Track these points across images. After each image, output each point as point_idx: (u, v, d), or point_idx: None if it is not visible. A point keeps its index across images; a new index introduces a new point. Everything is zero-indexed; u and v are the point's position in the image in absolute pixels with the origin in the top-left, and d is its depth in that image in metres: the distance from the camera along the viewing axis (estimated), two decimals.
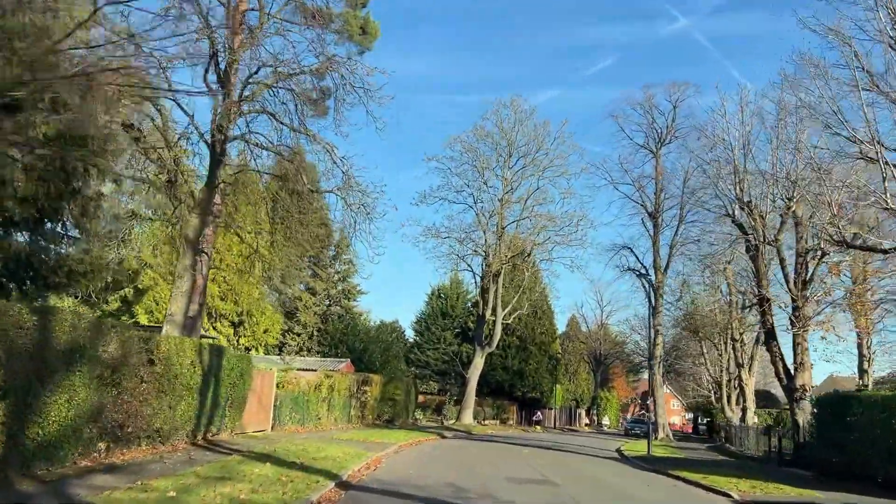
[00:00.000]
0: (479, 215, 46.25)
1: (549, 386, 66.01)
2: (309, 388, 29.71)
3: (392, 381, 39.46)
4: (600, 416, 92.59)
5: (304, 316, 42.33)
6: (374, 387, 35.61)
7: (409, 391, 40.78)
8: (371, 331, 44.11)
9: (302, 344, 42.80)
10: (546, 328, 67.45)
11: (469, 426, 42.91)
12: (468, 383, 45.05)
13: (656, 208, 46.10)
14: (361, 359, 40.89)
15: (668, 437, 43.88)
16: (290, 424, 27.30)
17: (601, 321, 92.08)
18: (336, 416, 32.02)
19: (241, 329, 39.99)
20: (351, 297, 46.95)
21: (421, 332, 69.77)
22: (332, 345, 42.16)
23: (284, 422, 26.83)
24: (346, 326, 42.58)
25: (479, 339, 45.70)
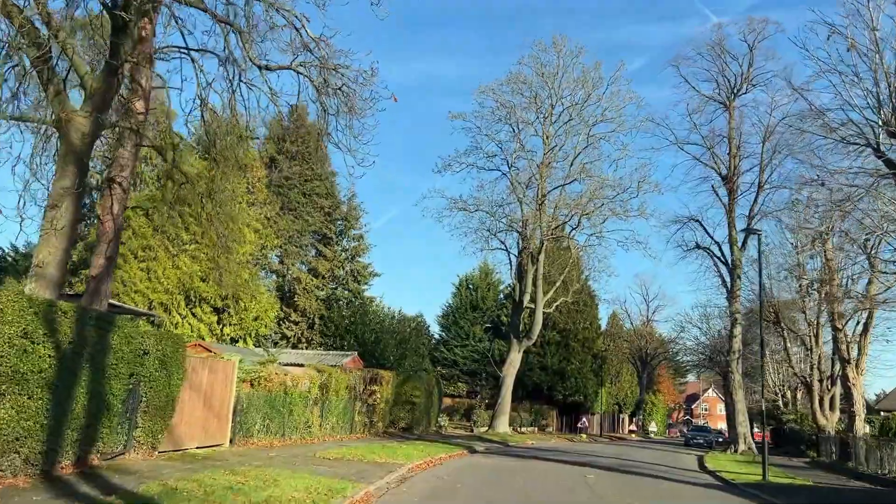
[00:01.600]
0: (515, 184, 38.51)
1: (593, 388, 57.91)
2: (294, 386, 22.28)
3: (409, 379, 31.93)
4: (646, 423, 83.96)
5: (302, 301, 35.04)
6: (385, 386, 28.08)
7: (431, 392, 33.26)
8: (385, 319, 36.76)
9: (300, 334, 35.55)
10: (590, 322, 59.33)
11: (504, 435, 35.15)
12: (503, 384, 37.30)
13: (731, 171, 37.88)
14: (373, 352, 33.56)
15: (751, 451, 35.58)
16: (262, 436, 19.88)
17: (647, 317, 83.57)
18: (333, 423, 24.55)
19: (225, 316, 32.81)
20: (361, 280, 39.58)
21: (447, 327, 62.24)
22: (336, 335, 34.91)
23: (253, 432, 19.42)
24: (354, 313, 35.26)
25: (515, 331, 37.91)
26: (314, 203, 38.10)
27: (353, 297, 38.54)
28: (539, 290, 36.38)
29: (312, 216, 37.73)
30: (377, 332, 34.97)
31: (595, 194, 35.29)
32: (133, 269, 32.64)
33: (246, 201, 36.86)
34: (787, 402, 61.58)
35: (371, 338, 34.25)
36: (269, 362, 22.80)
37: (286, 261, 36.41)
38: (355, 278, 39.26)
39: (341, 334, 34.54)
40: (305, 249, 37.32)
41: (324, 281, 37.18)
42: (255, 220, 36.60)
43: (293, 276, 35.74)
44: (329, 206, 38.62)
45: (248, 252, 35.28)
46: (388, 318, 36.74)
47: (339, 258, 38.29)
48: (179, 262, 32.99)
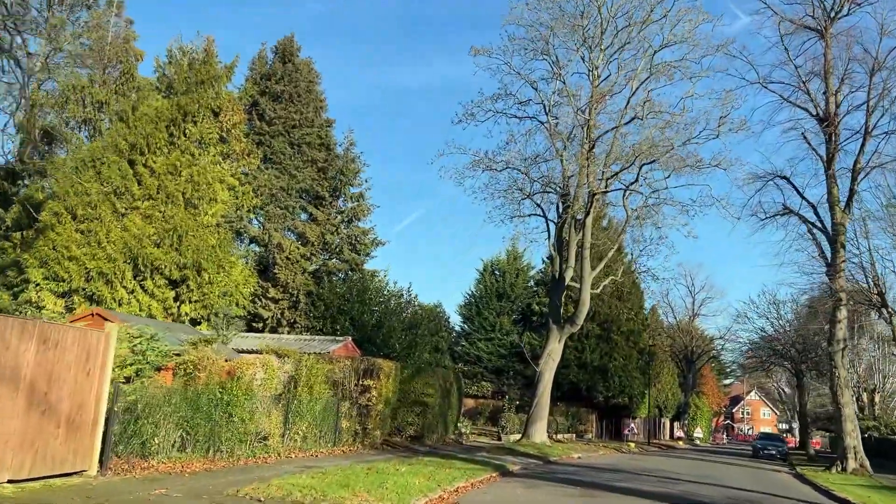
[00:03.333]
0: (554, 134, 30.77)
1: (639, 389, 49.91)
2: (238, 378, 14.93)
3: (420, 373, 24.48)
4: (691, 429, 75.52)
5: (284, 274, 27.68)
6: (385, 381, 20.61)
7: (448, 391, 25.76)
8: (390, 298, 29.20)
9: (279, 315, 28.27)
10: (635, 312, 51.34)
11: (542, 447, 27.51)
12: (539, 381, 29.60)
13: (829, 114, 29.82)
14: (373, 339, 26.11)
15: (864, 469, 27.44)
16: (173, 455, 12.51)
17: (693, 311, 75.13)
18: (305, 432, 17.12)
19: (184, 291, 25.61)
20: (361, 249, 32.11)
21: (470, 318, 54.71)
22: (326, 318, 27.49)
23: (153, 450, 12.04)
24: (349, 290, 27.75)
25: (554, 315, 30.16)
26: (304, 155, 30.81)
27: (350, 270, 31.12)
28: (586, 264, 28.62)
29: (301, 171, 30.46)
30: (379, 314, 27.46)
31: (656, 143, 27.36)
32: (68, 231, 25.54)
33: (219, 152, 29.67)
34: (864, 406, 53.00)
35: (371, 321, 26.74)
36: (207, 342, 15.41)
37: (267, 225, 29.18)
38: (353, 247, 31.79)
39: (333, 316, 27.13)
40: (292, 212, 30.03)
41: (312, 249, 29.81)
42: (230, 176, 29.38)
43: (274, 242, 28.46)
44: (323, 159, 31.24)
45: (219, 213, 28.06)
46: (393, 297, 29.32)
47: (332, 221, 30.90)
48: (128, 223, 25.86)
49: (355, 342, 25.36)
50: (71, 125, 32.60)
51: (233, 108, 30.00)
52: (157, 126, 28.12)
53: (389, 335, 26.58)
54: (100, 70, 33.38)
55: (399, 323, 27.89)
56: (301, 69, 31.81)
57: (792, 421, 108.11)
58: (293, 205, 30.03)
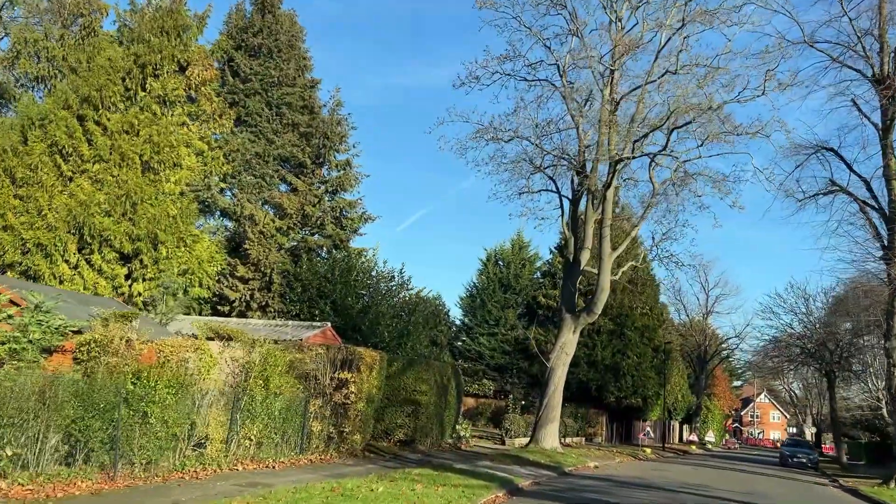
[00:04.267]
0: (569, 99, 27.02)
1: (653, 389, 46.09)
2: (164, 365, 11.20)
3: (412, 366, 20.74)
4: (703, 432, 71.70)
5: (256, 250, 23.92)
6: (367, 374, 16.87)
7: (445, 387, 22.03)
8: (379, 280, 25.31)
9: (248, 297, 24.50)
10: (650, 307, 47.54)
11: (553, 454, 23.77)
12: (550, 378, 25.81)
13: (885, 75, 26.06)
14: (357, 326, 22.33)
15: None
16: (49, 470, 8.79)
17: (707, 309, 71.24)
18: (260, 435, 13.40)
19: (137, 267, 21.91)
20: (347, 224, 28.28)
21: (471, 311, 50.99)
22: (304, 301, 23.67)
23: (8, 465, 8.29)
24: (330, 269, 23.86)
25: (568, 303, 26.38)
26: (283, 118, 27.09)
27: (334, 248, 27.30)
28: (605, 243, 24.84)
29: (280, 136, 26.73)
30: (366, 298, 23.61)
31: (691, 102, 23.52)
32: (4, 196, 21.91)
33: (186, 112, 25.98)
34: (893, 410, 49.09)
35: (357, 305, 22.88)
36: (124, 318, 11.67)
37: (239, 195, 25.46)
38: (338, 221, 27.95)
39: (311, 299, 23.30)
40: (268, 181, 26.28)
41: (290, 223, 26.03)
42: (199, 139, 25.68)
43: (246, 213, 24.70)
44: (306, 124, 27.44)
45: (184, 180, 24.36)
46: (383, 280, 25.49)
47: (314, 192, 27.07)
48: (75, 189, 22.21)
49: (337, 330, 21.66)
50: (23, 83, 28.95)
51: (203, 63, 26.30)
52: (112, 78, 24.38)
53: (377, 322, 22.81)
54: (58, 24, 29.71)
55: (389, 308, 24.10)
56: (282, 21, 28.02)
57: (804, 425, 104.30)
58: (270, 173, 26.29)
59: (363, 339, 21.59)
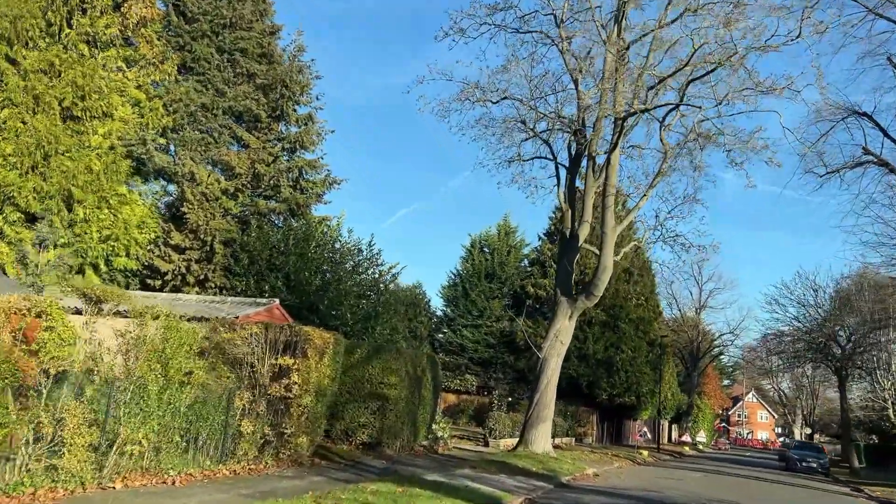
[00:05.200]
0: (566, 52, 23.52)
1: (648, 386, 42.84)
2: None
3: (379, 354, 17.17)
4: (694, 432, 68.77)
5: (195, 215, 20.12)
6: (315, 360, 13.26)
7: (419, 380, 18.46)
8: (345, 255, 21.43)
9: (184, 269, 20.67)
10: (645, 297, 44.30)
11: (546, 459, 20.27)
12: (543, 370, 22.28)
13: None
14: (315, 306, 18.56)
15: None
16: None
17: (700, 304, 68.27)
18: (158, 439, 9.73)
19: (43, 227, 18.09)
20: (308, 188, 24.46)
21: (454, 301, 47.46)
22: (252, 275, 19.87)
23: None
24: (283, 239, 20.00)
25: (564, 284, 22.88)
26: (237, 66, 23.27)
27: (291, 214, 23.50)
28: (609, 215, 21.32)
29: (232, 86, 22.96)
30: (327, 274, 19.77)
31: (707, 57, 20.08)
32: None
33: (121, 56, 22.17)
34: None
35: (315, 281, 19.09)
36: None
37: (180, 153, 21.66)
38: (296, 184, 24.16)
39: (260, 273, 19.50)
40: (217, 137, 22.50)
41: (239, 184, 22.22)
42: (134, 88, 21.86)
43: (186, 171, 20.90)
44: (264, 73, 23.60)
45: (116, 133, 20.54)
46: (349, 254, 21.70)
47: (269, 150, 23.27)
48: None
49: (289, 309, 18.04)
50: None
51: (143, 0, 22.46)
52: (31, 9, 20.47)
53: (339, 302, 19.12)
54: None
55: (354, 287, 20.42)
56: None
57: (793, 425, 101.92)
58: (218, 128, 22.56)
59: (321, 322, 17.98)
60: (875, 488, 24.67)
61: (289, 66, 23.94)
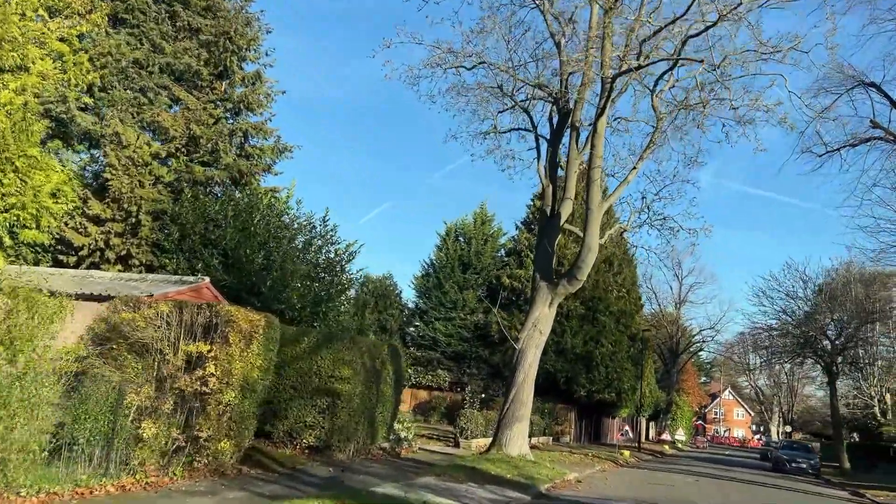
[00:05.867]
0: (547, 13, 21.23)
1: (629, 382, 40.84)
2: None
3: (329, 343, 14.72)
4: (673, 430, 67.22)
5: (118, 183, 17.33)
6: (240, 347, 10.77)
7: (378, 374, 16.05)
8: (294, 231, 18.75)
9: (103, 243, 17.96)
10: (627, 289, 42.30)
11: (523, 464, 17.96)
12: (520, 363, 19.94)
13: None
14: (257, 287, 15.99)
15: None
16: None
17: (680, 298, 66.67)
18: (4, 448, 7.17)
19: None
20: (254, 156, 21.79)
21: (426, 292, 45.07)
22: (183, 250, 17.23)
23: None
24: (222, 210, 17.28)
25: (543, 268, 20.59)
26: (177, 17, 20.52)
27: (234, 184, 20.81)
28: (594, 189, 19.00)
29: (171, 41, 20.22)
30: (275, 253, 17.11)
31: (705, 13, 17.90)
32: None
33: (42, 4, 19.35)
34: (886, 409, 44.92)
35: (257, 259, 16.46)
36: None
37: (108, 114, 18.87)
38: (240, 150, 21.49)
39: (193, 249, 16.85)
40: (152, 98, 19.76)
41: (173, 148, 19.47)
42: (56, 40, 19.07)
43: (110, 131, 18.14)
44: (209, 27, 20.83)
45: (31, 88, 17.77)
46: (300, 230, 19.06)
47: (211, 111, 20.56)
48: None
49: (226, 291, 15.51)
50: None
51: None
52: None
53: (284, 283, 16.57)
54: None
55: (305, 266, 17.82)
56: None
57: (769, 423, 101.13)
58: (154, 87, 19.86)
59: (264, 306, 15.47)
60: (878, 492, 22.80)
61: (234, 16, 21.26)
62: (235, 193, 18.49)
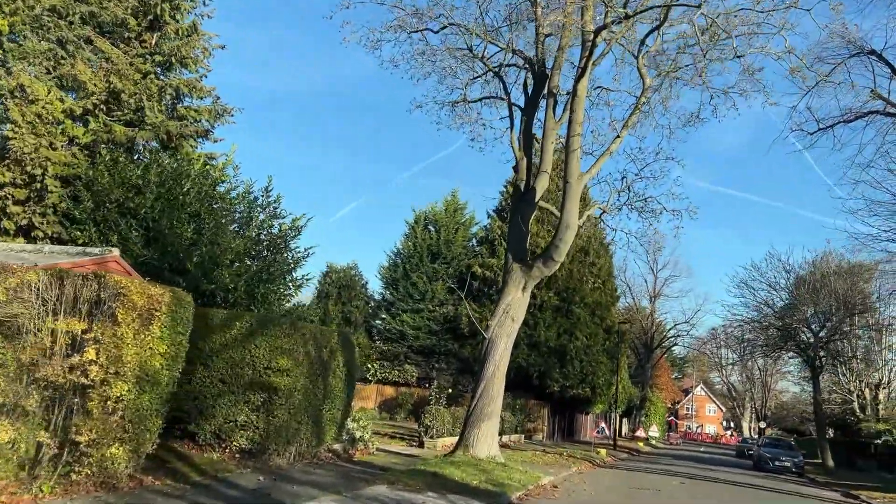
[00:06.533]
0: None
1: (604, 377, 39.13)
2: None
3: (265, 329, 12.49)
4: (647, 426, 65.90)
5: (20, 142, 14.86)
6: (132, 328, 8.55)
7: (326, 365, 13.91)
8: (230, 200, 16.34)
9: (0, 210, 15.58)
10: (603, 280, 40.57)
11: (491, 468, 15.90)
12: (490, 353, 17.83)
13: None
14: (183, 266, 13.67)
15: None
16: None
17: (654, 292, 65.33)
18: None
19: None
20: (186, 117, 19.41)
21: (393, 283, 42.90)
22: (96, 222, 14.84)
23: None
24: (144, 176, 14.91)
25: (517, 247, 18.54)
26: None
27: (163, 147, 18.40)
28: (573, 160, 16.98)
29: None
30: (207, 225, 14.75)
31: None
32: None
33: None
34: (865, 404, 43.93)
35: (186, 233, 14.09)
36: None
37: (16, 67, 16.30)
38: (171, 109, 19.01)
39: (109, 219, 14.50)
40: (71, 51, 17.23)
41: (90, 103, 17.03)
42: None
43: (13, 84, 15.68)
44: None
45: None
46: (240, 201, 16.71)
47: (139, 66, 18.12)
48: None
49: (144, 268, 13.18)
50: None
51: None
52: None
53: (216, 260, 14.22)
54: None
55: (242, 243, 15.47)
56: None
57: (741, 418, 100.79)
58: (74, 39, 17.33)
59: (191, 286, 13.16)
60: (873, 494, 21.23)
61: None
62: (163, 158, 16.07)
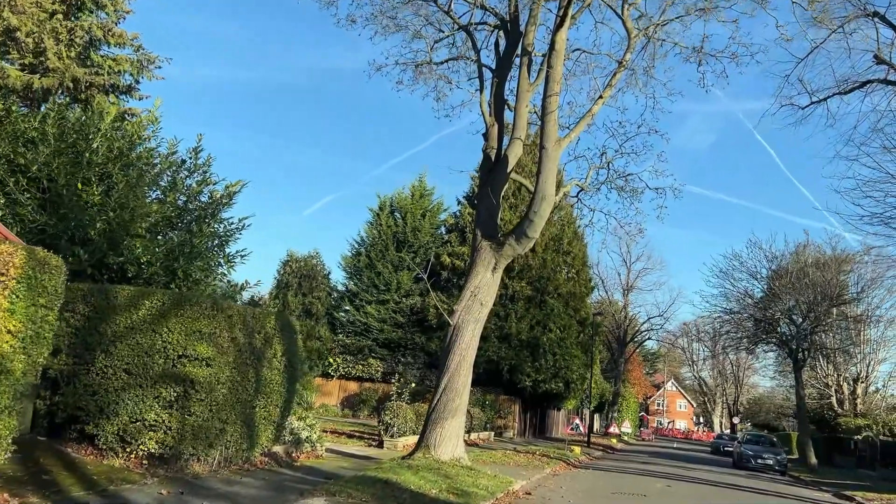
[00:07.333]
0: None
1: (578, 371, 37.34)
2: None
3: (181, 309, 10.27)
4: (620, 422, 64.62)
5: None
6: None
7: (259, 354, 11.77)
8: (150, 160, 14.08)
9: None
10: (577, 270, 38.83)
11: (455, 472, 13.84)
12: (455, 342, 15.73)
13: None
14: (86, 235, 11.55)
15: None
16: None
17: (628, 285, 63.95)
18: None
19: None
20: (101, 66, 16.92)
21: (357, 273, 40.64)
22: None
23: None
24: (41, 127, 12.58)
25: (487, 223, 16.47)
26: None
27: (73, 99, 15.99)
28: (551, 125, 14.98)
29: None
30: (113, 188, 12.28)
31: None
32: None
33: None
34: (843, 399, 42.88)
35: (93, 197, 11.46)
36: None
37: None
38: (85, 59, 16.55)
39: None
40: None
41: None
42: None
43: None
44: None
45: None
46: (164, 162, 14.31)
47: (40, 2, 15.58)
48: None
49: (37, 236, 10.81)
50: None
51: None
52: None
53: (125, 229, 11.91)
54: None
55: (162, 209, 13.15)
56: None
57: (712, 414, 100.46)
58: None
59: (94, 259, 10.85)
60: (868, 494, 19.64)
61: None
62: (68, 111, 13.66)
